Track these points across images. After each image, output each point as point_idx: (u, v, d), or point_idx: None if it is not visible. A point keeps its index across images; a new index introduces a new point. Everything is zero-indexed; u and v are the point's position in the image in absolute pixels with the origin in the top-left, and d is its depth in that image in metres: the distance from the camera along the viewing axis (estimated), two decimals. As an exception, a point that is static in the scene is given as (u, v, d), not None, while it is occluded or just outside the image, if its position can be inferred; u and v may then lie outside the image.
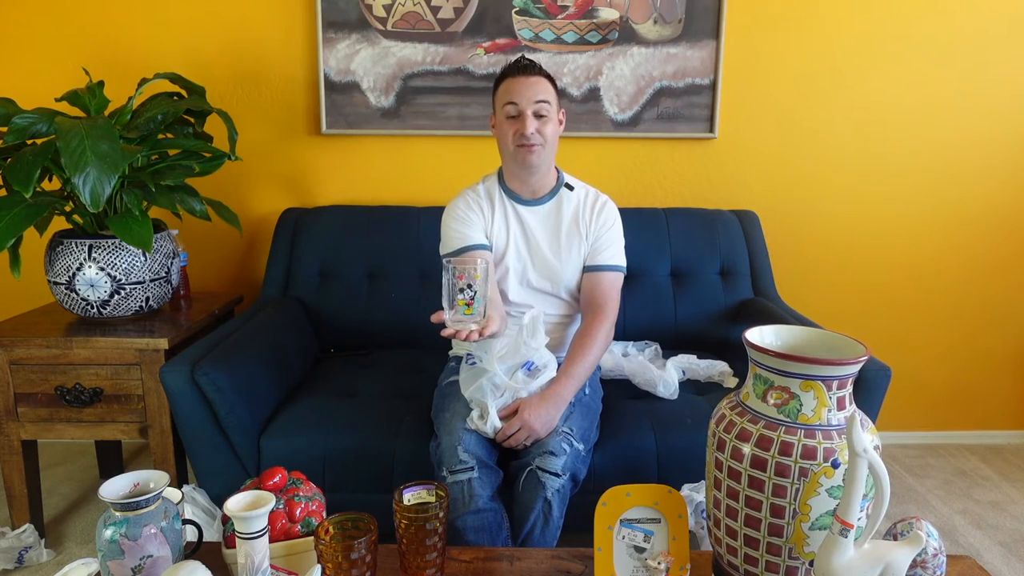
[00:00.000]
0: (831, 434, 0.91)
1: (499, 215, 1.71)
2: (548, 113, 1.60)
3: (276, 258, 2.24)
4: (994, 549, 1.96)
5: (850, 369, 0.91)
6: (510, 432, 1.46)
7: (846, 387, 0.93)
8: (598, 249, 1.69)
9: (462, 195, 1.73)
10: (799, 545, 0.93)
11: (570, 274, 1.70)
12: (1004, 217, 2.46)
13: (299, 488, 1.12)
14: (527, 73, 1.60)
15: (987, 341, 2.56)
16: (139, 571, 0.95)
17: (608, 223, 1.71)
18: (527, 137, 1.58)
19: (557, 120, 1.65)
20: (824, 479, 0.90)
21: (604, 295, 1.67)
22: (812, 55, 2.34)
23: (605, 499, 1.05)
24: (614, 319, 1.67)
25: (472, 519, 1.38)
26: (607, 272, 1.69)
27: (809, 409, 0.92)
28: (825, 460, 0.90)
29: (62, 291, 1.83)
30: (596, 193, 1.75)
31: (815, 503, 0.91)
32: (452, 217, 1.70)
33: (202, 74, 2.25)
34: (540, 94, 1.58)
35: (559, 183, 1.73)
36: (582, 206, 1.71)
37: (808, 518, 0.92)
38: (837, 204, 2.45)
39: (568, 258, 1.70)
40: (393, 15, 2.26)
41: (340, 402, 1.79)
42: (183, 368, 1.59)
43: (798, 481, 0.91)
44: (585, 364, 1.58)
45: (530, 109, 1.58)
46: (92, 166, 1.57)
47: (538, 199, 1.71)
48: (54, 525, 2.02)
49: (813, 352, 0.99)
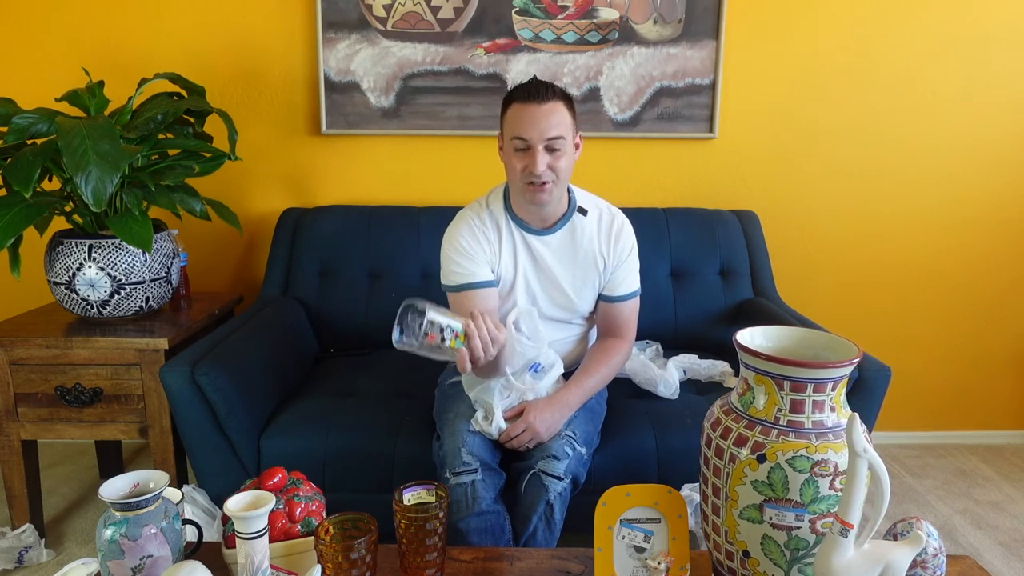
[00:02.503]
0: (770, 431, 0.91)
1: (507, 245, 1.56)
2: (562, 147, 1.43)
3: (276, 258, 2.24)
4: (994, 549, 1.96)
5: (801, 372, 0.89)
6: (514, 434, 1.46)
7: (822, 391, 0.90)
8: (617, 280, 1.59)
9: (466, 221, 1.56)
10: (732, 530, 0.95)
11: (585, 304, 1.62)
12: (1004, 217, 2.46)
13: (299, 488, 1.12)
14: (539, 99, 1.41)
15: (987, 341, 2.55)
16: (139, 571, 0.95)
17: (625, 251, 1.59)
18: (538, 175, 1.42)
19: (574, 148, 1.48)
20: (748, 470, 0.91)
21: (626, 322, 1.63)
22: (812, 55, 2.34)
23: (605, 499, 1.05)
24: (633, 341, 1.67)
25: (475, 521, 1.37)
26: (627, 301, 1.62)
27: (760, 403, 0.94)
28: (752, 452, 0.91)
29: (62, 291, 1.83)
30: (611, 215, 1.60)
31: (742, 491, 0.92)
32: (454, 248, 1.54)
33: (202, 74, 2.25)
34: (553, 128, 1.40)
35: (571, 207, 1.58)
36: (598, 234, 1.57)
37: (737, 505, 0.93)
38: (837, 204, 2.45)
39: (583, 290, 1.60)
40: (393, 15, 2.26)
41: (340, 402, 1.79)
42: (183, 368, 1.59)
43: (729, 466, 0.93)
44: (597, 378, 1.57)
45: (541, 145, 1.41)
46: (94, 165, 1.57)
47: (548, 228, 1.56)
48: (54, 525, 2.02)
49: (801, 353, 1.00)
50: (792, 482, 0.89)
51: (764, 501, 0.90)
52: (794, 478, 0.88)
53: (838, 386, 0.92)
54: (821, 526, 0.90)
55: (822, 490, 0.88)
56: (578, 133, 1.51)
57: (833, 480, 0.88)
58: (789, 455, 0.89)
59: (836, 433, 0.91)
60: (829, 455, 0.88)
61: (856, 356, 0.91)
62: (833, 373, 0.90)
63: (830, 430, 0.91)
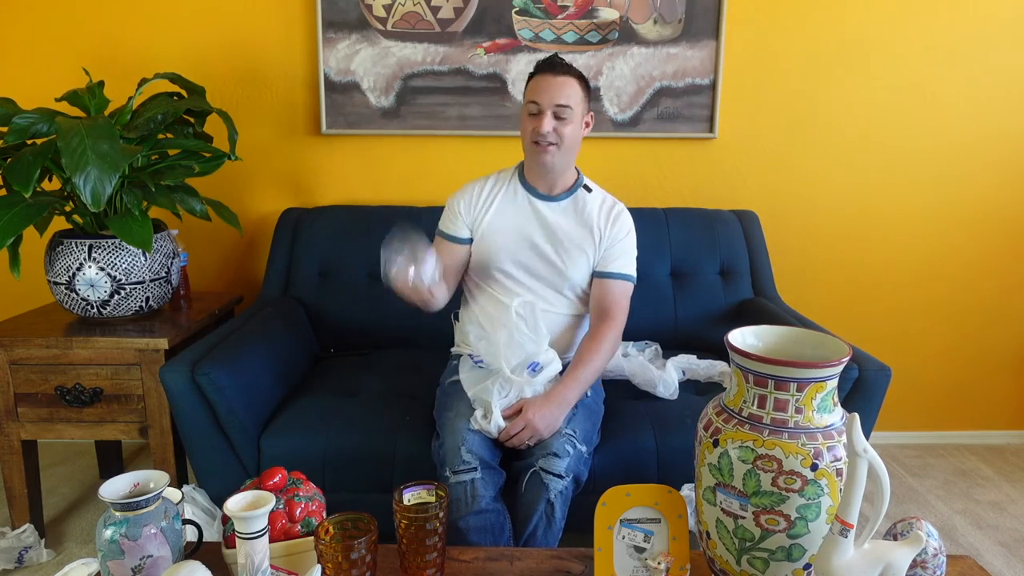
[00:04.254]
0: (731, 419, 0.94)
1: (502, 198, 1.73)
2: (568, 116, 1.60)
3: (276, 258, 2.24)
4: (994, 549, 1.96)
5: (764, 368, 0.90)
6: (513, 432, 1.46)
7: (784, 389, 0.90)
8: (610, 257, 1.69)
9: (473, 183, 1.77)
10: (700, 510, 0.99)
11: (576, 273, 1.69)
12: (1004, 217, 2.46)
13: (299, 488, 1.12)
14: (555, 72, 1.60)
15: (987, 341, 2.55)
16: (139, 571, 0.95)
17: (622, 232, 1.71)
18: (543, 135, 1.59)
19: (582, 123, 1.65)
20: (707, 452, 0.95)
21: (614, 302, 1.66)
22: (812, 55, 2.34)
23: (605, 499, 1.05)
24: (622, 326, 1.67)
25: (475, 520, 1.38)
26: (618, 280, 1.68)
27: (732, 393, 0.97)
28: (710, 436, 0.95)
29: (62, 291, 1.83)
30: (614, 200, 1.75)
31: (703, 473, 0.96)
32: (449, 202, 1.77)
33: (202, 74, 2.25)
34: (563, 97, 1.58)
35: (577, 184, 1.73)
36: (598, 210, 1.71)
37: (701, 484, 0.97)
38: (837, 204, 2.45)
39: (577, 256, 1.69)
40: (393, 15, 2.26)
41: (340, 402, 1.79)
42: (183, 368, 1.59)
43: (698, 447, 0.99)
44: (591, 368, 1.58)
45: (550, 109, 1.59)
46: (93, 166, 1.57)
47: (554, 196, 1.72)
48: (54, 525, 2.02)
49: (791, 352, 1.01)
50: (736, 470, 0.91)
51: (716, 484, 0.94)
52: (738, 467, 0.91)
53: (805, 388, 0.90)
54: (766, 522, 0.90)
55: (763, 484, 0.89)
56: (590, 112, 1.68)
57: (776, 478, 0.89)
58: (737, 444, 0.92)
59: (794, 434, 0.89)
60: (776, 452, 0.89)
61: (820, 363, 0.88)
62: (795, 374, 0.89)
63: (788, 430, 0.90)
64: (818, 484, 0.88)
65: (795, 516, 0.89)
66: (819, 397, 0.91)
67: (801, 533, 0.90)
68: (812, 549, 0.91)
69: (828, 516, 0.90)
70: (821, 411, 0.91)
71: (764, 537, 0.91)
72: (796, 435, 0.90)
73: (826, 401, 0.92)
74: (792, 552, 0.91)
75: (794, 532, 0.90)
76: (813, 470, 0.88)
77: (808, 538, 0.90)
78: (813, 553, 0.91)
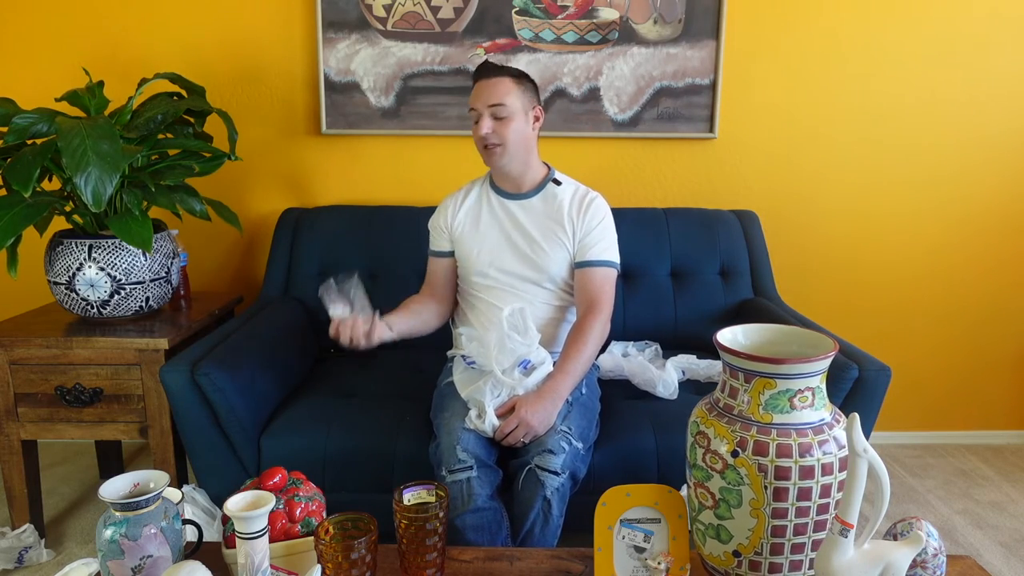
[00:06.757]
0: (713, 408, 0.99)
1: (472, 205, 1.77)
2: (506, 114, 1.60)
3: (276, 258, 2.24)
4: (994, 549, 1.96)
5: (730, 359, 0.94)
6: (508, 430, 1.46)
7: (735, 377, 0.95)
8: (587, 245, 1.68)
9: (447, 199, 1.82)
10: None
11: (553, 265, 1.69)
12: (1004, 216, 2.46)
13: (299, 488, 1.12)
14: (487, 76, 1.63)
15: (987, 341, 2.55)
16: (139, 571, 0.95)
17: (596, 219, 1.70)
18: (483, 138, 1.62)
19: (527, 118, 1.65)
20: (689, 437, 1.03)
21: (596, 290, 1.66)
22: (812, 55, 2.34)
23: (605, 499, 1.05)
24: (608, 314, 1.66)
25: (471, 518, 1.38)
26: (598, 268, 1.68)
27: None
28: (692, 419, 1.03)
29: (62, 291, 1.83)
30: (586, 190, 1.74)
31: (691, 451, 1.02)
32: (431, 225, 1.83)
33: (202, 74, 2.25)
34: (494, 97, 1.60)
35: (547, 178, 1.74)
36: (569, 201, 1.71)
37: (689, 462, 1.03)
38: (837, 204, 2.45)
39: (553, 249, 1.69)
40: (393, 15, 2.26)
41: (340, 402, 1.79)
42: (183, 368, 1.59)
43: None
44: (580, 360, 1.57)
45: (486, 111, 1.61)
46: (93, 165, 1.57)
47: (523, 193, 1.73)
48: (54, 525, 2.02)
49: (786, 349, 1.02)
50: (688, 442, 1.01)
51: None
52: (688, 439, 1.01)
53: (752, 380, 0.93)
54: (699, 494, 0.97)
55: (697, 458, 0.97)
56: (536, 106, 1.68)
57: (705, 455, 0.96)
58: (691, 419, 1.02)
59: (732, 420, 0.95)
60: (710, 431, 0.96)
61: (773, 360, 0.91)
62: (741, 364, 0.93)
63: (733, 416, 0.95)
64: (737, 471, 0.92)
65: (719, 496, 0.95)
66: (767, 393, 0.93)
67: (725, 516, 0.95)
68: (739, 537, 0.94)
69: (751, 509, 0.92)
70: (770, 409, 0.93)
71: (700, 510, 0.99)
72: (734, 420, 0.95)
73: (777, 399, 0.92)
74: (720, 533, 0.96)
75: (720, 513, 0.95)
76: (734, 456, 0.92)
77: (732, 523, 0.94)
78: (740, 541, 0.94)
